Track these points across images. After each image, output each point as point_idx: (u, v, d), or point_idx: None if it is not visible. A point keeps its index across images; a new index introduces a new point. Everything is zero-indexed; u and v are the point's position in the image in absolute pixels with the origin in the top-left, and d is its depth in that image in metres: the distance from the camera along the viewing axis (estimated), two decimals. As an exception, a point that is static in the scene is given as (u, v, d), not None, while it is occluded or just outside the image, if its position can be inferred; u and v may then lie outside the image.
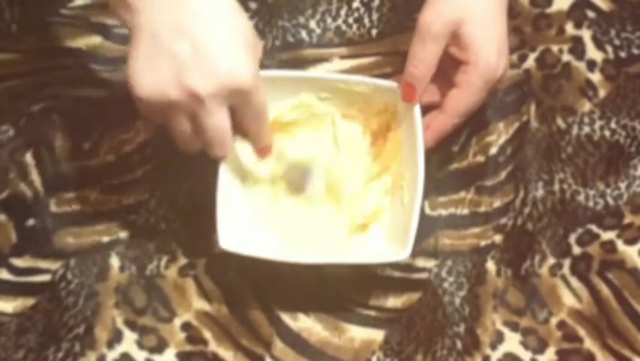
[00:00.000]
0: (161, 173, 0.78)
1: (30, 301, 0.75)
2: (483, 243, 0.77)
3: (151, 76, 0.61)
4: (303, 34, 0.82)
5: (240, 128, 0.68)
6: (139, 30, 0.61)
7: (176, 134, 0.66)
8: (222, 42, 0.62)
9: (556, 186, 0.78)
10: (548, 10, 0.83)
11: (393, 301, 0.76)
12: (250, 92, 0.64)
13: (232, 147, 0.68)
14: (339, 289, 0.76)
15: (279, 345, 0.74)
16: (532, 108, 0.80)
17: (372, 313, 0.75)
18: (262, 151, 0.72)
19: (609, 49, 0.82)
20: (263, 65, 0.80)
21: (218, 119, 0.64)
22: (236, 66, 0.62)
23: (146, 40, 0.61)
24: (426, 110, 0.74)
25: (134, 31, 0.62)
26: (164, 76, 0.61)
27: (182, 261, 0.76)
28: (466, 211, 0.78)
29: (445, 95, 0.73)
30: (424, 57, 0.71)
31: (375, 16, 0.82)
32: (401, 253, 0.70)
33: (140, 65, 0.61)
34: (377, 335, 0.75)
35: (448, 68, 0.73)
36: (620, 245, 0.77)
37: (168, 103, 0.62)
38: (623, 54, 0.82)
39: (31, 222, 0.77)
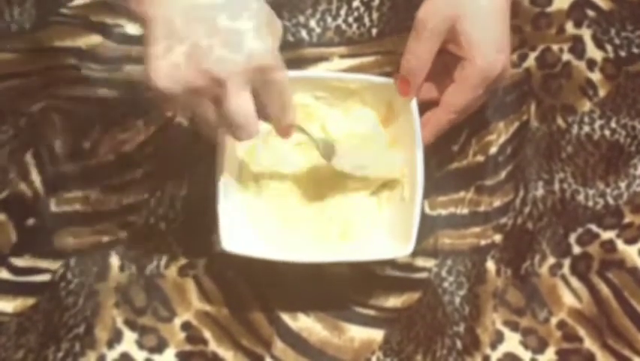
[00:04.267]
0: (161, 173, 0.78)
1: (30, 301, 0.75)
2: (483, 242, 0.77)
3: (167, 64, 0.59)
4: (303, 33, 0.82)
5: (262, 112, 0.65)
6: (151, 20, 0.60)
7: (199, 120, 0.64)
8: (239, 19, 0.60)
9: (557, 186, 0.78)
10: (548, 10, 0.82)
11: (393, 301, 0.76)
12: (272, 69, 0.62)
13: (255, 132, 0.64)
14: (339, 289, 0.76)
15: (279, 345, 0.74)
16: (533, 108, 0.80)
17: (372, 312, 0.75)
18: (285, 131, 0.69)
19: (609, 48, 0.82)
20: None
21: (242, 101, 0.62)
22: (257, 44, 0.60)
23: (159, 30, 0.59)
24: (427, 107, 0.74)
25: (146, 23, 0.60)
26: (181, 62, 0.59)
27: (182, 261, 0.76)
28: (465, 211, 0.78)
29: None
30: (419, 52, 0.71)
31: (375, 15, 0.82)
32: (404, 248, 0.70)
33: (154, 54, 0.59)
34: (377, 334, 0.75)
35: (451, 66, 0.73)
36: (620, 245, 0.77)
37: (188, 90, 0.60)
38: (623, 53, 0.82)
39: (31, 222, 0.77)
